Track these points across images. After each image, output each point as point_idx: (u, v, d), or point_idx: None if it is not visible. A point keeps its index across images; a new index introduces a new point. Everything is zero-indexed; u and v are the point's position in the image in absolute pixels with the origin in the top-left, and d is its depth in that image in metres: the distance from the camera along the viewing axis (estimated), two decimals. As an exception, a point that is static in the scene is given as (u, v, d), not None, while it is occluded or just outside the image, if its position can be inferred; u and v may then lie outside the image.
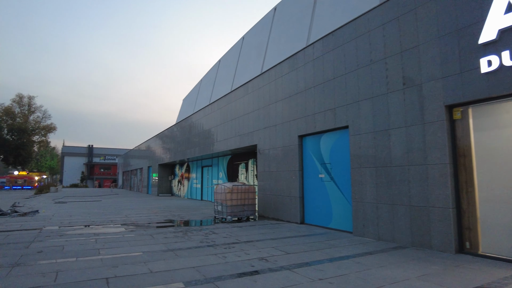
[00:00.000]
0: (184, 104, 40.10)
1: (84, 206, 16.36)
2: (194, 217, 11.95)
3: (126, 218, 11.36)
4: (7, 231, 8.46)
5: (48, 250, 6.17)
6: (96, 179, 71.14)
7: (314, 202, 9.68)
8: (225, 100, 15.66)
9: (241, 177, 16.12)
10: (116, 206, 16.74)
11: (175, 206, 16.32)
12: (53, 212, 13.25)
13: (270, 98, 11.75)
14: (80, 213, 13.12)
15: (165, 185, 27.80)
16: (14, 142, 56.31)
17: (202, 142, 18.44)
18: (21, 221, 10.63)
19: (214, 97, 27.89)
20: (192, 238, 7.49)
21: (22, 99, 61.76)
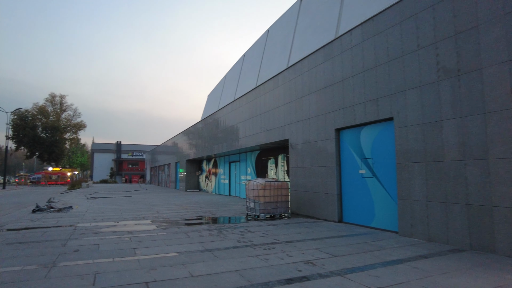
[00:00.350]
0: (209, 100, 40.11)
1: (115, 202, 16.51)
2: (225, 213, 11.67)
3: (157, 215, 11.24)
4: (45, 228, 8.47)
5: (84, 249, 6.01)
6: (124, 174, 73.00)
7: (353, 200, 9.13)
8: (253, 94, 15.25)
9: (270, 172, 15.72)
10: (146, 202, 16.80)
11: (204, 202, 16.16)
12: (86, 208, 13.37)
13: (303, 90, 11.22)
14: (111, 209, 13.17)
15: (193, 180, 27.86)
16: (48, 139, 58.54)
17: (229, 138, 18.17)
18: (56, 217, 10.72)
19: (239, 92, 27.63)
20: (228, 237, 7.17)
21: (55, 98, 64.06)
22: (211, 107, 37.02)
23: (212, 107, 36.49)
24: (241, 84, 28.02)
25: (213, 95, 37.94)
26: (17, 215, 11.32)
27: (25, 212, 12.37)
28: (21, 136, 54.90)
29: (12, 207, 16.52)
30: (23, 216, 10.93)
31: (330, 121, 9.80)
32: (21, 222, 9.60)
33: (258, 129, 14.51)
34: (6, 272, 4.64)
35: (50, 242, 6.65)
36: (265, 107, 13.99)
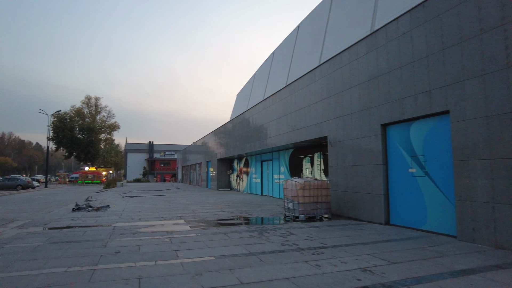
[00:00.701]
0: (238, 99, 39.99)
1: (150, 201, 16.63)
2: (261, 213, 11.32)
3: (194, 214, 11.07)
4: (85, 227, 8.49)
5: (125, 251, 5.85)
6: (156, 173, 74.74)
7: (402, 200, 8.47)
8: (287, 90, 14.78)
9: (305, 172, 15.20)
10: (181, 200, 16.80)
11: (237, 201, 15.91)
12: (123, 207, 13.49)
13: (343, 84, 10.64)
14: (147, 208, 13.20)
15: (224, 179, 27.81)
16: (84, 140, 60.92)
17: (261, 136, 17.82)
18: (95, 216, 10.81)
19: (268, 90, 27.22)
20: (270, 239, 6.79)
21: (90, 101, 66.66)
22: (240, 106, 36.88)
23: (241, 106, 36.35)
24: (271, 82, 27.62)
25: (242, 94, 37.78)
26: (59, 213, 11.55)
27: (66, 210, 12.63)
28: (60, 137, 57.50)
29: (54, 205, 17.07)
30: (64, 215, 11.13)
31: (375, 116, 9.17)
32: (63, 220, 9.73)
33: (292, 127, 14.05)
34: (53, 273, 4.52)
35: (91, 242, 6.56)
36: (300, 104, 13.50)
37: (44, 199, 21.57)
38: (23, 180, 34.97)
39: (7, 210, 14.41)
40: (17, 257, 5.45)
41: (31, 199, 21.02)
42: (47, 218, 10.57)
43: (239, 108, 36.72)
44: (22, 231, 8.12)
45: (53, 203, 18.50)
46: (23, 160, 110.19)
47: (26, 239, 6.95)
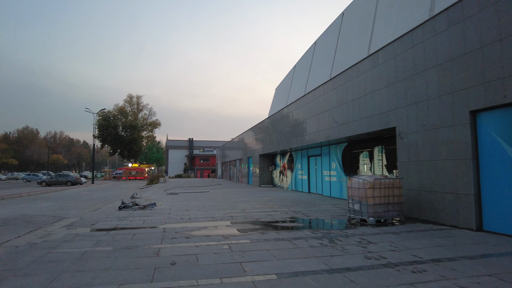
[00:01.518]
0: (277, 93, 38.94)
1: (196, 198, 16.04)
2: (319, 215, 10.17)
3: (246, 214, 10.17)
4: (133, 229, 7.85)
5: (182, 262, 5.00)
6: (196, 169, 75.75)
7: (501, 202, 6.95)
8: (343, 77, 13.42)
9: (363, 168, 13.80)
10: (226, 198, 16.05)
11: (287, 200, 14.86)
12: (169, 205, 12.94)
13: (415, 66, 9.17)
14: (195, 206, 12.53)
15: (266, 176, 26.88)
16: (128, 137, 62.83)
17: (310, 130, 16.59)
18: (142, 215, 10.26)
19: (311, 81, 26.00)
20: (347, 250, 5.66)
21: (132, 99, 68.67)
22: (280, 100, 35.83)
23: (281, 99, 35.28)
24: (313, 72, 26.39)
25: (282, 88, 36.72)
26: (106, 212, 11.16)
27: (112, 208, 12.28)
28: (105, 135, 59.69)
29: (100, 202, 17.05)
30: (111, 213, 10.69)
31: (461, 102, 7.67)
32: (110, 220, 9.21)
33: (351, 117, 12.71)
34: (100, 293, 3.73)
35: (141, 249, 5.81)
36: (357, 92, 12.13)
37: (91, 195, 21.88)
38: (73, 176, 36.35)
39: (58, 207, 14.44)
40: (64, 267, 4.78)
41: (79, 195, 21.38)
42: (94, 217, 10.16)
43: (278, 102, 35.75)
44: (70, 232, 7.63)
45: (99, 199, 18.56)
46: (72, 157, 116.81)
47: (73, 242, 6.37)
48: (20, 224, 9.94)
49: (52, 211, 13.13)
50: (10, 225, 9.75)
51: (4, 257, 5.57)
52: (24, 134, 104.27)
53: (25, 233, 8.37)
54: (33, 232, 8.46)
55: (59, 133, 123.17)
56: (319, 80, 23.73)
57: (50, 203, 16.33)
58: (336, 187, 16.00)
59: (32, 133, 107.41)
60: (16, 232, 8.55)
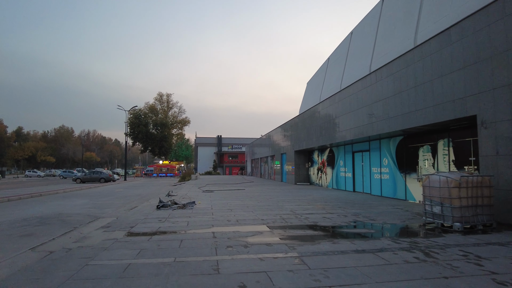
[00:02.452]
0: (309, 87, 37.59)
1: (235, 197, 15.01)
2: (384, 218, 8.78)
3: (299, 217, 8.96)
4: (177, 233, 6.84)
5: (252, 284, 3.84)
6: (225, 167, 75.37)
7: None
8: (402, 62, 11.85)
9: (424, 164, 12.20)
10: (266, 196, 14.91)
11: (334, 199, 13.51)
12: (209, 204, 11.96)
13: (507, 40, 7.57)
14: (237, 206, 11.47)
15: (302, 173, 25.53)
16: (158, 135, 63.28)
17: (356, 123, 15.11)
18: (184, 215, 9.30)
19: (348, 72, 24.54)
20: (457, 268, 4.32)
21: (162, 97, 69.10)
22: (312, 94, 34.48)
23: (314, 93, 33.90)
24: (350, 63, 24.94)
25: (314, 82, 35.40)
26: (144, 211, 10.32)
27: (149, 207, 11.46)
28: (136, 132, 60.37)
29: (135, 199, 16.43)
30: (149, 213, 9.82)
31: None
32: (150, 222, 8.29)
33: (408, 108, 11.18)
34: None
35: (195, 262, 4.74)
36: (422, 77, 10.57)
37: (125, 192, 21.47)
38: (106, 173, 36.59)
39: (92, 205, 13.88)
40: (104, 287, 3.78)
41: (113, 193, 21.02)
42: (131, 217, 9.32)
43: (311, 96, 34.38)
44: (107, 236, 6.73)
45: (134, 197, 18.00)
46: (104, 154, 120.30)
47: (113, 251, 5.42)
48: (55, 223, 9.28)
49: (87, 209, 12.53)
50: (46, 224, 9.10)
51: (37, 267, 4.71)
52: (61, 133, 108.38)
53: (60, 235, 7.61)
54: (68, 234, 7.69)
55: (92, 132, 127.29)
56: (358, 70, 22.24)
57: (85, 201, 15.88)
58: (388, 185, 14.45)
59: (68, 132, 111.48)
60: (51, 233, 7.82)
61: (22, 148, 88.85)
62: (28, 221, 9.65)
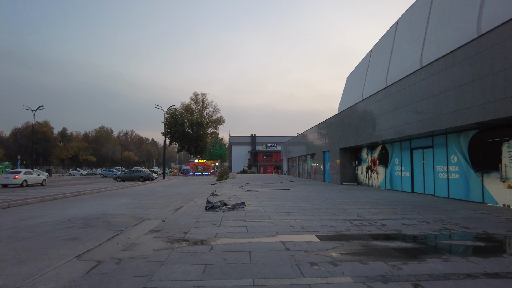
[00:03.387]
0: (349, 81, 36.03)
1: (283, 197, 13.88)
2: (476, 225, 7.26)
3: (371, 222, 7.67)
4: (240, 242, 5.78)
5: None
6: (259, 165, 74.50)
7: None
8: (483, 43, 10.12)
9: (509, 162, 10.41)
10: (319, 197, 13.64)
11: (398, 202, 12.00)
12: (260, 205, 10.92)
13: None
14: (293, 208, 10.32)
15: (349, 172, 23.90)
16: (194, 134, 63.58)
17: (421, 115, 13.43)
18: (237, 218, 8.30)
19: (394, 64, 22.92)
20: None
21: (197, 97, 69.43)
22: (353, 88, 32.96)
23: (355, 88, 32.36)
24: (397, 54, 23.25)
25: (355, 76, 33.79)
26: (192, 213, 9.45)
27: (195, 208, 10.60)
28: (173, 132, 60.98)
29: (178, 199, 15.77)
30: (199, 215, 8.91)
31: None
32: (203, 226, 7.34)
33: (493, 95, 9.48)
34: None
35: (278, 286, 3.63)
36: (505, 62, 8.86)
37: (166, 191, 21.02)
38: (145, 172, 36.82)
39: (136, 205, 13.31)
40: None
41: (154, 191, 20.61)
42: (181, 220, 8.46)
43: (352, 91, 32.89)
44: (160, 244, 5.84)
45: (175, 196, 17.40)
46: (142, 154, 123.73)
47: (172, 266, 4.45)
48: (100, 225, 8.62)
49: (131, 209, 11.93)
50: (91, 226, 8.45)
51: (85, 285, 3.83)
52: (100, 133, 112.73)
53: (106, 240, 6.86)
54: (115, 239, 6.92)
55: (130, 132, 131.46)
56: (407, 60, 20.54)
57: (127, 200, 15.43)
58: (458, 186, 12.69)
59: (107, 132, 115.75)
60: (96, 237, 7.10)
61: (66, 148, 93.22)
62: (73, 222, 9.08)
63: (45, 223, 9.03)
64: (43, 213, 10.90)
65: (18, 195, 17.09)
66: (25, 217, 10.17)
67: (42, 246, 6.32)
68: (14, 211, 11.49)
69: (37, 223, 8.96)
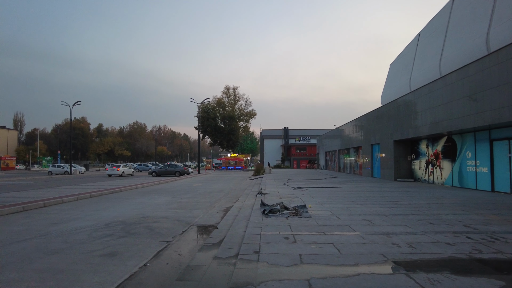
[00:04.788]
0: (393, 69, 33.42)
1: (342, 196, 11.99)
2: None
3: (501, 239, 5.67)
4: (345, 275, 3.99)
5: None
6: (293, 160, 72.37)
7: None
8: None
9: None
10: (386, 197, 11.62)
11: (490, 203, 9.76)
12: (324, 209, 9.12)
13: None
14: (368, 213, 8.45)
15: (403, 167, 21.46)
16: (226, 128, 62.51)
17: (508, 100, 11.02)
18: (310, 228, 6.57)
19: (450, 45, 20.26)
20: None
21: (229, 90, 68.06)
22: (399, 75, 30.50)
23: (400, 75, 29.99)
24: (454, 33, 20.81)
25: (400, 62, 31.25)
26: (250, 219, 7.82)
27: (250, 211, 8.98)
28: (205, 126, 60.21)
29: (221, 197, 14.28)
30: (259, 223, 7.26)
31: None
32: (275, 242, 5.63)
33: None
34: None
35: None
36: None
37: (205, 187, 19.70)
38: (181, 166, 36.01)
39: (177, 205, 11.93)
40: None
41: (193, 188, 19.34)
42: (237, 228, 6.88)
43: (397, 78, 30.60)
44: (226, 270, 4.24)
45: (217, 193, 15.97)
46: (174, 148, 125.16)
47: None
48: (142, 233, 7.20)
49: (173, 210, 10.54)
50: (131, 235, 7.05)
51: None
52: (134, 128, 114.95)
53: (152, 257, 5.38)
54: (162, 255, 5.44)
55: (163, 127, 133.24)
56: (468, 39, 18.09)
57: (167, 198, 14.16)
58: None
59: (141, 128, 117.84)
60: (140, 252, 5.65)
61: (102, 143, 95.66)
62: (111, 228, 7.74)
63: (79, 228, 7.75)
64: (78, 215, 9.73)
65: (94, 186, 16.34)
66: (59, 219, 9.01)
67: (75, 267, 4.92)
68: (49, 212, 10.44)
69: (71, 229, 7.71)
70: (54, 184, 22.21)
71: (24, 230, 7.62)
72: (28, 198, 13.19)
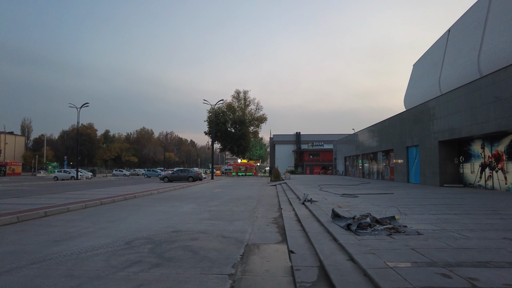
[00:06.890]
0: (417, 69, 31.70)
1: (414, 204, 9.61)
2: None
3: None
4: None
5: None
6: (305, 165, 69.82)
7: None
8: None
9: None
10: (463, 207, 9.24)
11: None
12: (414, 221, 6.77)
13: None
14: (484, 227, 6.09)
15: (450, 171, 18.97)
16: (236, 133, 60.26)
17: None
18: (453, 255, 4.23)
19: (490, 38, 18.69)
20: None
21: (239, 94, 65.72)
22: (424, 74, 28.99)
23: (426, 74, 28.43)
24: (494, 26, 18.90)
25: (426, 61, 29.56)
26: (337, 237, 5.48)
27: (331, 229, 6.64)
28: (215, 131, 58.00)
29: (253, 204, 11.79)
30: (358, 245, 4.94)
31: None
32: (416, 274, 3.31)
33: None
34: None
35: None
36: None
37: (228, 193, 17.37)
38: (194, 172, 33.76)
39: (209, 214, 9.58)
40: None
41: (215, 194, 16.99)
42: (326, 251, 4.62)
43: (422, 78, 29.42)
44: None
45: (247, 200, 13.64)
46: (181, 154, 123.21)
47: None
48: (183, 259, 4.87)
49: (209, 222, 8.23)
50: (168, 262, 4.72)
51: None
52: (142, 135, 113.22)
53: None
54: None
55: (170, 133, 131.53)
56: None
57: (193, 205, 11.88)
58: None
59: (148, 134, 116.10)
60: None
61: (109, 149, 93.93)
62: (135, 250, 5.45)
63: (91, 249, 5.47)
64: (88, 228, 7.46)
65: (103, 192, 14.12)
66: (63, 235, 6.75)
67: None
68: (50, 223, 8.20)
69: (80, 250, 5.43)
70: (59, 190, 20.02)
71: (11, 253, 5.34)
72: (28, 206, 10.95)
